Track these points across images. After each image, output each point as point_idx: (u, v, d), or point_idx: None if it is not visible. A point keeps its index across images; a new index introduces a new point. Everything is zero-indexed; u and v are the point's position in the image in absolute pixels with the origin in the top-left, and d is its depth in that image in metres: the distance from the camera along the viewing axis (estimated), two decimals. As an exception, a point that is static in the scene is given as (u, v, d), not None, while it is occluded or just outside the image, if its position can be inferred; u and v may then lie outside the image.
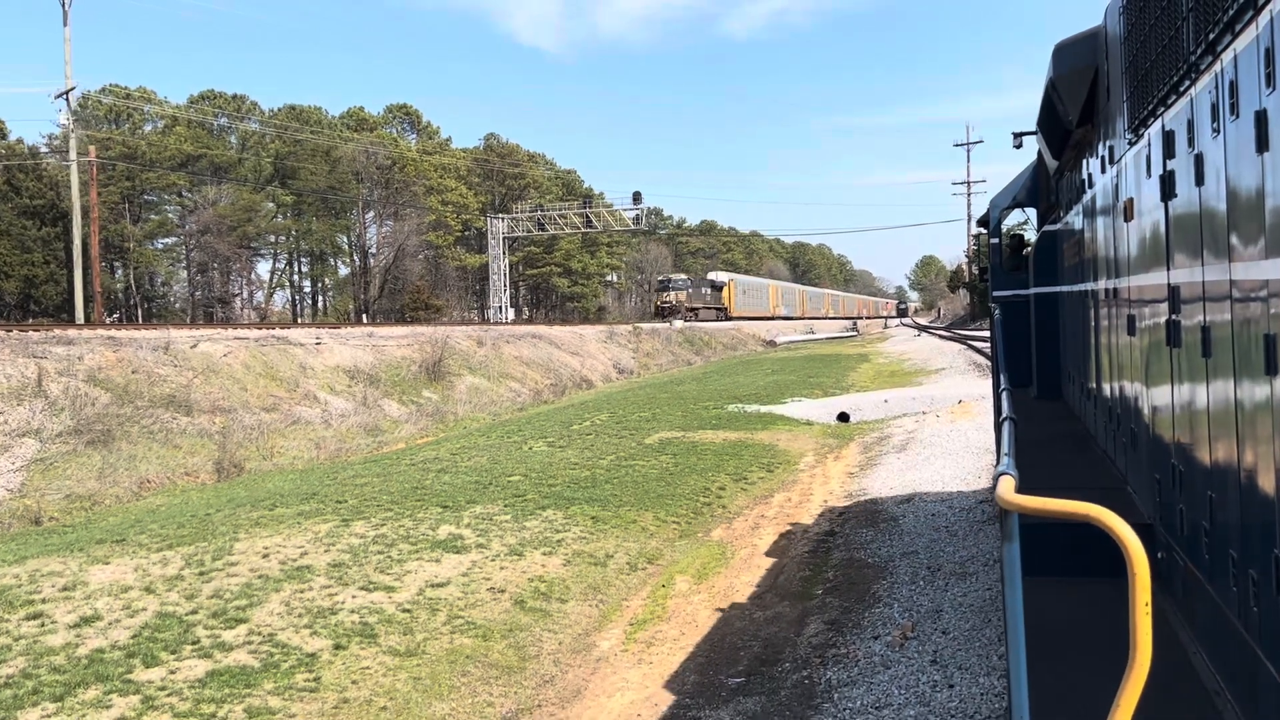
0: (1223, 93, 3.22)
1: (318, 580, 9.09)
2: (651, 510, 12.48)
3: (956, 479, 13.17)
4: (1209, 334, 3.47)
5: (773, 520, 12.54)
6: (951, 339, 56.06)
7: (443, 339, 31.62)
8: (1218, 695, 3.37)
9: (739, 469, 15.71)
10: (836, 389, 29.74)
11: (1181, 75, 3.77)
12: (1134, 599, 2.13)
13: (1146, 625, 2.11)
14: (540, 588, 9.11)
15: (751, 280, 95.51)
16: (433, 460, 16.58)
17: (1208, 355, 3.49)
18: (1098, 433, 7.00)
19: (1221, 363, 3.33)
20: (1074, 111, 6.76)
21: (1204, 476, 3.63)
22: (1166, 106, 4.14)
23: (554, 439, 19.07)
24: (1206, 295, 3.51)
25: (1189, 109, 3.73)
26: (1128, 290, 5.27)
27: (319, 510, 12.23)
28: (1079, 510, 2.33)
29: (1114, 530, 2.20)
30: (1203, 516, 3.64)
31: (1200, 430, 3.68)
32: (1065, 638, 3.88)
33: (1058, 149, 8.20)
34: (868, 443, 18.83)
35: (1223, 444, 3.35)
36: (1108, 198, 5.95)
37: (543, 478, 14.41)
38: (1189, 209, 3.76)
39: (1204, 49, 3.40)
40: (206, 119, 61.59)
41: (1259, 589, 2.94)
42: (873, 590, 8.78)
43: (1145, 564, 2.15)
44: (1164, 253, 4.22)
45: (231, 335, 25.94)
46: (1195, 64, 3.57)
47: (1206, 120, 3.46)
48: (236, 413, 21.76)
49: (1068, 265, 8.70)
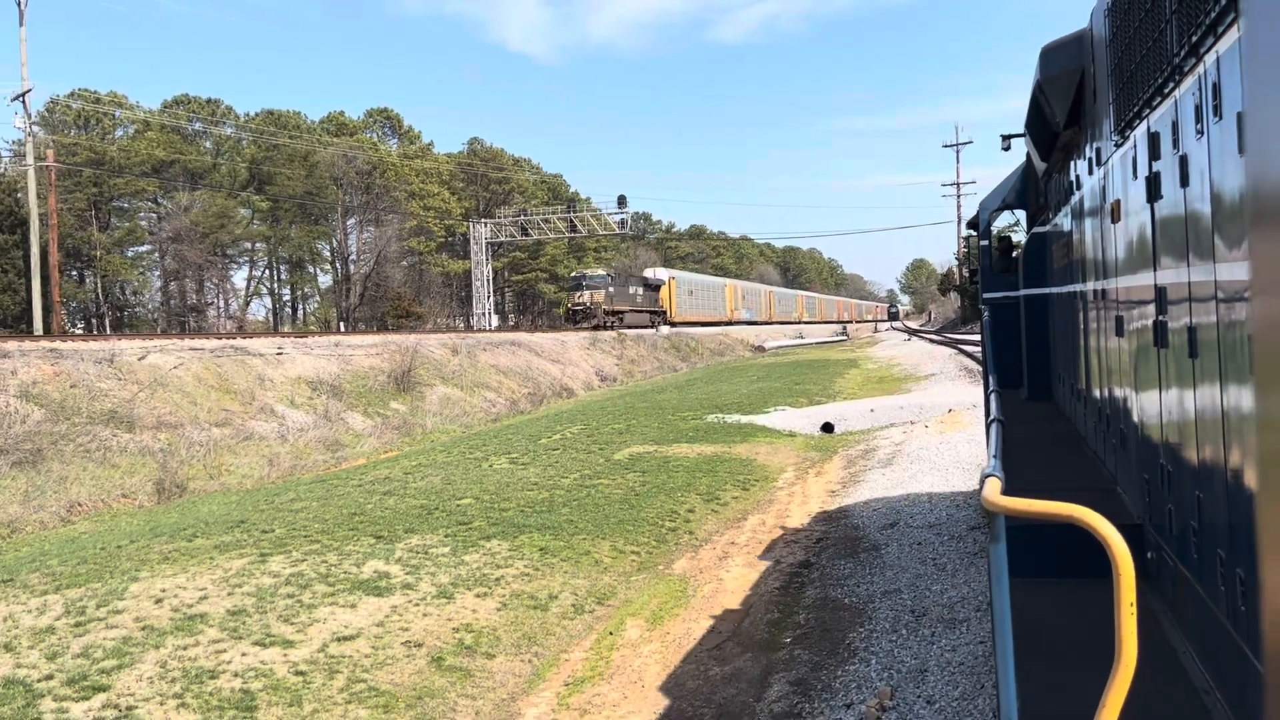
0: (1206, 94, 3.23)
1: (209, 632, 7.87)
2: (610, 538, 11.28)
3: (945, 501, 12.00)
4: (1195, 335, 3.48)
5: (743, 548, 11.35)
6: (942, 343, 55.02)
7: (413, 347, 30.36)
8: (1206, 694, 3.36)
9: (712, 488, 14.52)
10: (823, 396, 28.59)
11: (1166, 77, 3.78)
12: (1119, 598, 2.15)
13: (1131, 624, 2.14)
14: (465, 639, 7.89)
15: (700, 279, 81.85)
16: (382, 480, 15.36)
17: (1194, 356, 3.50)
18: (1087, 434, 7.04)
19: (1208, 363, 3.34)
20: (1061, 114, 6.81)
21: (1192, 476, 3.64)
22: (1151, 108, 4.16)
23: (518, 455, 17.87)
24: (1193, 296, 3.52)
25: (1173, 110, 3.74)
26: (1115, 291, 5.29)
27: (239, 542, 11.01)
28: (1062, 511, 2.37)
29: (1097, 530, 2.24)
30: (1191, 516, 3.65)
31: (1188, 430, 3.69)
32: (1053, 638, 3.86)
33: (1046, 151, 8.21)
34: (852, 456, 17.66)
35: (1210, 444, 3.36)
36: (1095, 199, 5.96)
37: (496, 500, 13.21)
38: (1174, 210, 3.77)
39: (1187, 51, 3.40)
40: (180, 124, 60.11)
41: (1246, 588, 2.94)
42: (848, 640, 7.59)
43: (1130, 563, 2.18)
44: (1150, 254, 4.24)
45: (186, 346, 24.66)
46: (1179, 66, 3.58)
47: (1190, 122, 3.46)
48: (184, 428, 20.50)
49: (1057, 267, 8.71)
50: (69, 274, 52.12)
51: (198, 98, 63.08)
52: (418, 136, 78.86)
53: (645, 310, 61.88)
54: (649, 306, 62.82)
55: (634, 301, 60.74)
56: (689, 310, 71.40)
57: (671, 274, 70.11)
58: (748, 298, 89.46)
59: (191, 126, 61.83)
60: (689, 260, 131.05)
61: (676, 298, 68.74)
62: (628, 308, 59.25)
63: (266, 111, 67.39)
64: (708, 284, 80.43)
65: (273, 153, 62.82)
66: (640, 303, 61.55)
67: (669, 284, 67.91)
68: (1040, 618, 4.04)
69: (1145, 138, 4.25)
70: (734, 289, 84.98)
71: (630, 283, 62.44)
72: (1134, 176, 4.57)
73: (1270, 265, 1.03)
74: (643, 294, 62.48)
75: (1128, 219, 4.81)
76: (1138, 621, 2.17)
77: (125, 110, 57.46)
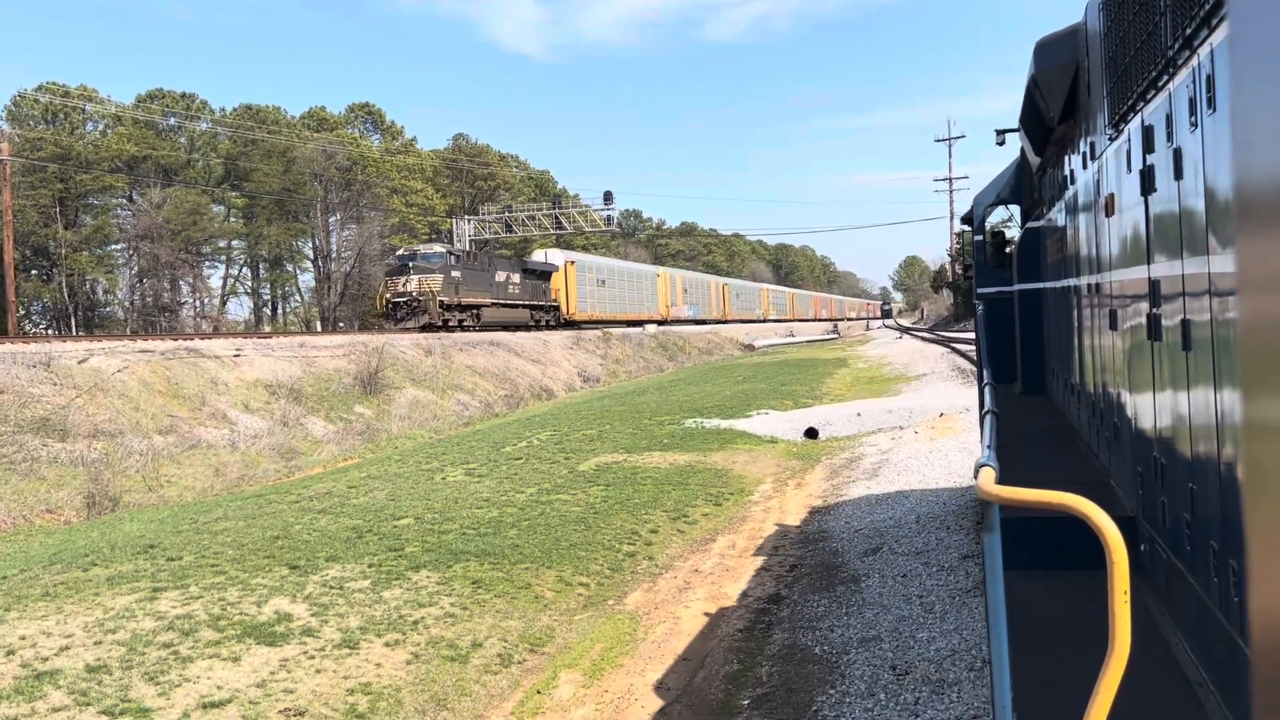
0: (1200, 87, 3.23)
1: (53, 697, 6.57)
2: (557, 566, 10.01)
3: (934, 523, 10.74)
4: (1189, 328, 3.48)
5: (708, 577, 10.09)
6: (934, 341, 53.85)
7: (380, 347, 29.03)
8: (1200, 686, 3.36)
9: (681, 503, 13.25)
10: (809, 398, 27.34)
11: (1160, 70, 3.81)
12: (1113, 587, 2.16)
13: (1125, 613, 2.16)
14: (359, 705, 6.61)
15: (617, 265, 65.17)
16: (322, 496, 14.07)
17: (1188, 349, 3.50)
18: (1081, 427, 7.02)
19: (1201, 356, 3.34)
20: (1056, 108, 6.79)
21: (1185, 469, 3.63)
22: (1145, 101, 4.18)
23: (477, 465, 16.59)
24: (1186, 290, 3.51)
25: (1167, 104, 3.74)
26: (1109, 285, 5.26)
27: (137, 573, 9.72)
28: (1056, 500, 2.38)
29: (1092, 519, 2.25)
30: (1184, 509, 3.64)
31: (1181, 423, 3.68)
32: (1047, 630, 3.82)
33: (1040, 145, 8.20)
34: (835, 466, 16.42)
35: (1203, 437, 3.36)
36: (1089, 193, 5.94)
37: (439, 520, 11.93)
38: (1168, 203, 3.76)
39: (1181, 43, 3.42)
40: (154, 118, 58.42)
41: (1239, 580, 2.91)
42: (815, 706, 6.32)
43: (1124, 553, 2.20)
44: (1144, 247, 4.24)
45: (136, 348, 23.31)
46: (1173, 59, 3.60)
47: (1184, 115, 3.46)
48: (124, 437, 19.16)
49: (1051, 261, 8.69)
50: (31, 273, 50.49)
51: (172, 92, 61.39)
52: (400, 132, 77.30)
53: (524, 304, 47.24)
54: (531, 299, 48.08)
55: (502, 292, 45.13)
56: (597, 305, 56.05)
57: (571, 257, 55.06)
58: (690, 291, 75.51)
59: (166, 122, 60.20)
60: (679, 258, 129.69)
61: (577, 287, 53.69)
62: (488, 300, 43.38)
63: (245, 106, 65.78)
64: (626, 271, 64.22)
65: (250, 148, 61.22)
66: (514, 294, 46.38)
67: (565, 269, 52.58)
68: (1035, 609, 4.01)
69: (1139, 131, 4.23)
70: (669, 279, 70.36)
71: (496, 266, 45.63)
72: (1128, 170, 4.53)
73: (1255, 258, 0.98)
74: (519, 282, 46.95)
75: (1122, 213, 4.76)
76: (1131, 614, 2.18)
77: (96, 105, 55.82)
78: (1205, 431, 3.33)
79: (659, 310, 66.33)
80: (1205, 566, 3.35)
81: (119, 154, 54.48)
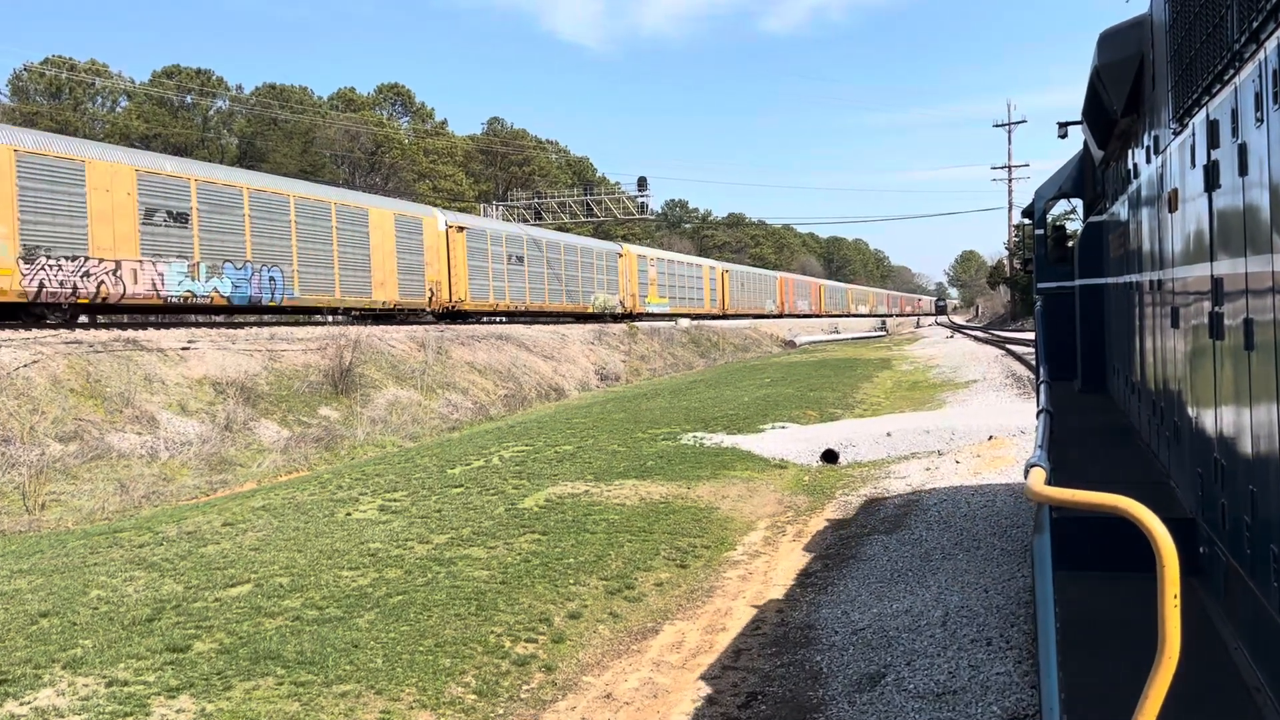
0: (1266, 81, 3.15)
1: None
2: (400, 685, 6.70)
3: (970, 623, 7.18)
4: (1252, 326, 3.39)
5: (622, 709, 6.70)
6: (988, 342, 49.62)
7: (356, 339, 25.94)
8: (1258, 691, 3.26)
9: (632, 564, 9.88)
10: (838, 408, 23.73)
11: (1226, 63, 3.74)
12: (1163, 591, 2.13)
13: (1175, 617, 2.12)
14: None
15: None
16: (176, 539, 10.91)
17: (1250, 348, 3.42)
18: (1141, 426, 6.94)
19: (1264, 355, 3.28)
20: (1119, 101, 6.71)
21: (1246, 470, 3.55)
22: (1211, 95, 4.08)
23: (404, 493, 13.36)
24: (1249, 288, 3.43)
25: (1233, 98, 3.65)
26: (1171, 282, 5.16)
27: None
28: (1106, 502, 2.36)
29: (1142, 522, 2.23)
30: (1244, 511, 3.57)
31: (1242, 423, 3.61)
32: (1098, 631, 3.75)
33: (1103, 139, 8.13)
34: (850, 506, 12.91)
35: (1264, 437, 3.28)
36: (1153, 188, 5.86)
37: (284, 591, 8.69)
38: (1232, 200, 3.69)
39: (1248, 36, 3.36)
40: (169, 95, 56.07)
41: None
42: None
43: (1174, 555, 2.17)
44: (1208, 245, 4.16)
45: (63, 339, 20.42)
46: (1239, 52, 3.53)
47: (1250, 109, 3.37)
48: (12, 444, 16.26)
49: (1113, 257, 8.65)
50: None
51: (188, 68, 59.06)
52: (430, 114, 74.32)
53: None
54: None
55: None
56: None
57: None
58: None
59: (183, 99, 57.83)
60: (725, 249, 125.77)
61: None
62: None
63: (269, 86, 63.30)
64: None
65: (269, 128, 58.67)
66: None
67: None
68: (1086, 610, 3.91)
69: (1204, 125, 4.13)
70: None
71: None
72: (1192, 165, 4.45)
73: None
74: None
75: (1185, 208, 4.69)
76: (1187, 617, 2.15)
77: (105, 80, 53.56)
78: (1266, 433, 3.21)
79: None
80: (1265, 570, 3.23)
81: (126, 131, 52.09)
